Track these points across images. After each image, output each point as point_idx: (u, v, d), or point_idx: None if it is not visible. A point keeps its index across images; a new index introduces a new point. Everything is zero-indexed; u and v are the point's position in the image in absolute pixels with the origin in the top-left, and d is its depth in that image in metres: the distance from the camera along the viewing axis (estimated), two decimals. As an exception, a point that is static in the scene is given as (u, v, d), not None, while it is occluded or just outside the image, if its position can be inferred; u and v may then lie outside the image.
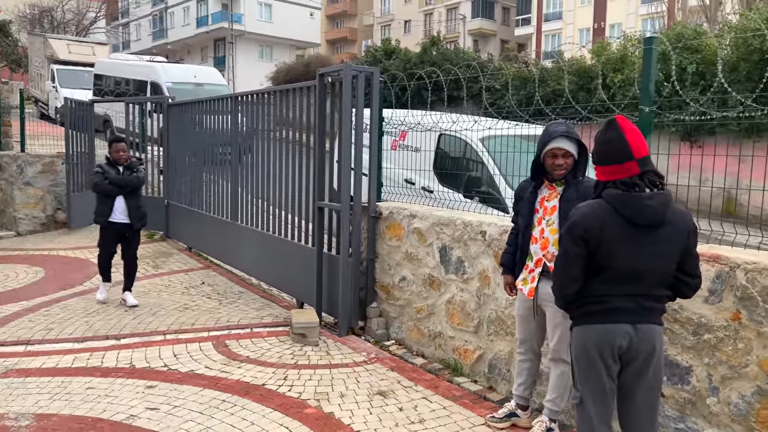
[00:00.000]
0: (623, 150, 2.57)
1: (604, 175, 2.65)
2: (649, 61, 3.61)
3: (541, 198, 3.60)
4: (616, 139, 2.60)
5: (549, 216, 3.53)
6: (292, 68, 30.09)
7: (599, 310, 2.63)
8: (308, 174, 6.15)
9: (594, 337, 2.63)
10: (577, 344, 2.71)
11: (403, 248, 5.31)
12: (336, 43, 56.30)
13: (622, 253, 2.56)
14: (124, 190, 6.33)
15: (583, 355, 2.68)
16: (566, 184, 3.51)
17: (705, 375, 3.20)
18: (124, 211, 6.35)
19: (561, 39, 41.76)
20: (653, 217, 2.53)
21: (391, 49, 25.07)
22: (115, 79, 19.57)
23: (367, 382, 4.53)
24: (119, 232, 6.41)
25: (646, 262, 2.57)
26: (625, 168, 2.57)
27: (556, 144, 3.45)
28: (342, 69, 5.46)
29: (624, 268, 2.57)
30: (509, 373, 4.33)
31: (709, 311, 3.17)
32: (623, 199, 2.56)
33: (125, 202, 6.34)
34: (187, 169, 9.15)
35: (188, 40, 46.12)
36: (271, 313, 6.27)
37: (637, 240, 2.56)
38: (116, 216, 6.33)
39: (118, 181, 6.31)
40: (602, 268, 2.61)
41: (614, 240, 2.56)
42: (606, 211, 2.58)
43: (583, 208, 2.66)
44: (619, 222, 2.56)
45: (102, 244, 6.55)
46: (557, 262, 2.74)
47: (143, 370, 4.72)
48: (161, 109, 10.08)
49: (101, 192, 6.31)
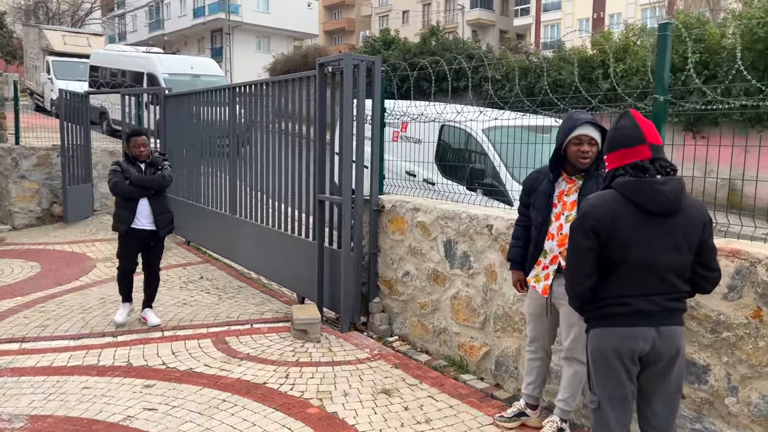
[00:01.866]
0: (635, 133, 2.46)
1: (614, 161, 2.53)
2: (664, 48, 3.46)
3: (559, 192, 3.45)
4: (629, 125, 2.49)
5: (569, 211, 3.38)
6: (290, 59, 29.85)
7: (619, 313, 2.50)
8: (308, 166, 6.01)
9: (614, 341, 2.50)
10: (595, 348, 2.58)
11: (406, 242, 5.18)
12: (334, 34, 55.95)
13: (636, 244, 2.43)
14: (148, 191, 5.48)
15: (601, 359, 2.55)
16: (586, 176, 3.36)
17: (723, 374, 3.09)
18: (149, 215, 5.48)
19: (560, 29, 41.53)
20: (667, 204, 2.40)
21: (390, 39, 24.84)
22: (111, 70, 19.34)
23: (371, 380, 4.41)
24: (143, 240, 5.53)
25: (661, 254, 2.44)
26: (636, 151, 2.45)
27: (582, 131, 3.28)
28: (342, 58, 5.31)
29: (639, 261, 2.44)
30: (517, 371, 4.22)
31: (728, 308, 3.05)
32: (634, 185, 2.42)
33: (149, 205, 5.47)
34: (185, 162, 9.01)
35: (185, 31, 45.71)
36: (271, 308, 6.15)
37: (651, 230, 2.43)
38: (139, 222, 5.46)
39: (141, 181, 5.44)
40: (616, 263, 2.47)
41: (627, 231, 2.43)
42: (617, 201, 2.45)
43: (593, 198, 2.53)
44: (632, 211, 2.43)
45: (122, 255, 5.58)
46: (568, 258, 2.61)
47: (141, 369, 4.60)
48: (158, 100, 9.93)
49: (121, 194, 5.42)
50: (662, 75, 3.47)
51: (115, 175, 5.42)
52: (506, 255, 4.16)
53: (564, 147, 3.35)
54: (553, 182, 3.47)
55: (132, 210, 5.43)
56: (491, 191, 6.20)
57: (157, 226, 5.51)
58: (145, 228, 5.49)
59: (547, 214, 3.46)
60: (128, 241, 5.53)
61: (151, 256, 5.66)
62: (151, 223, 5.49)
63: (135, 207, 5.43)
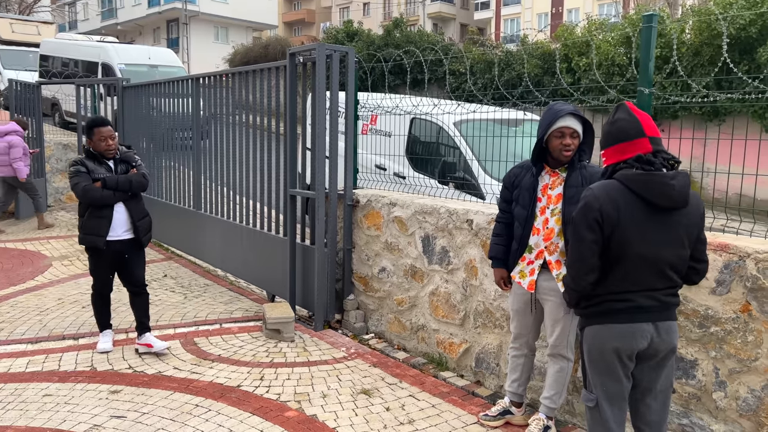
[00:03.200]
0: (634, 126, 2.40)
1: (613, 156, 2.46)
2: (649, 40, 3.42)
3: (543, 185, 3.38)
4: (626, 118, 2.43)
5: (554, 205, 3.31)
6: (251, 50, 29.22)
7: (619, 309, 2.44)
8: (278, 160, 5.83)
9: (613, 338, 2.44)
10: (593, 346, 2.51)
11: (382, 238, 5.06)
12: (294, 25, 55.23)
13: (639, 239, 2.37)
14: (126, 194, 4.62)
15: (600, 358, 2.48)
16: (570, 168, 3.30)
17: (711, 369, 3.07)
18: (126, 222, 4.59)
19: (520, 24, 41.94)
20: (678, 199, 2.34)
21: (353, 30, 24.58)
22: (62, 60, 18.55)
23: (350, 380, 4.29)
24: (119, 252, 4.63)
25: (663, 249, 2.39)
26: (637, 144, 2.39)
27: (564, 123, 3.20)
28: (315, 48, 5.14)
29: (641, 255, 2.38)
30: (498, 368, 4.16)
31: (717, 303, 3.03)
32: (643, 179, 2.35)
33: (127, 210, 4.60)
34: (145, 156, 8.66)
35: (139, 20, 44.38)
36: (241, 306, 5.96)
37: (655, 224, 2.37)
38: (116, 232, 4.56)
39: (120, 184, 4.52)
40: (618, 258, 2.41)
41: (630, 224, 2.36)
42: (620, 193, 2.38)
43: (596, 189, 2.44)
44: (637, 205, 2.37)
45: (96, 274, 4.70)
46: (571, 252, 2.52)
47: (106, 374, 4.37)
48: (115, 91, 9.54)
49: (95, 201, 4.47)
50: (647, 67, 3.44)
51: (80, 177, 4.45)
52: (487, 250, 4.09)
53: (545, 139, 3.28)
54: (536, 176, 3.40)
55: (108, 218, 4.51)
56: (463, 185, 6.14)
57: (136, 234, 4.65)
58: (121, 238, 4.59)
59: (532, 209, 3.38)
60: (103, 257, 4.59)
61: (133, 271, 4.76)
62: (128, 232, 4.62)
63: (111, 214, 4.52)
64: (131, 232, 4.64)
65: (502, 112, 5.85)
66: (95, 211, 4.51)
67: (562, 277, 3.28)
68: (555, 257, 3.32)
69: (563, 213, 3.24)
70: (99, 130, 4.51)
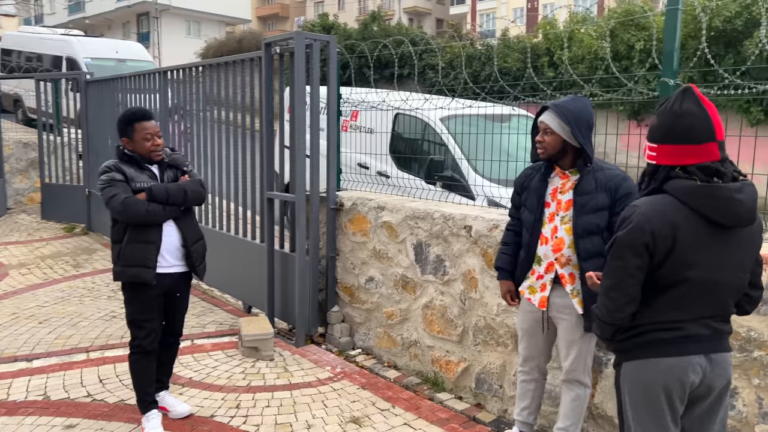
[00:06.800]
0: (706, 126, 1.95)
1: (672, 157, 2.00)
2: (674, 26, 3.04)
3: (553, 189, 2.99)
4: (696, 112, 1.96)
5: (564, 212, 2.93)
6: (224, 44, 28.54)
7: (667, 339, 2.03)
8: (254, 160, 5.36)
9: (661, 374, 2.03)
10: (636, 385, 2.10)
11: (369, 245, 4.63)
12: (267, 20, 54.35)
13: (699, 263, 1.97)
14: (177, 209, 3.44)
15: (645, 400, 2.07)
16: (580, 171, 2.92)
17: (754, 398, 2.71)
18: (179, 248, 3.44)
19: (495, 18, 41.74)
20: (746, 216, 1.94)
21: (329, 24, 24.06)
22: (25, 54, 17.74)
23: (337, 406, 3.85)
24: (169, 289, 3.46)
25: (725, 273, 2.00)
26: (705, 150, 1.95)
27: (540, 117, 2.94)
28: (293, 37, 4.68)
29: (700, 281, 1.98)
30: (502, 390, 3.76)
31: (761, 324, 2.66)
32: (706, 194, 1.93)
33: (179, 230, 3.44)
34: (110, 154, 8.11)
35: (108, 14, 43.15)
36: (215, 319, 5.48)
37: (717, 245, 1.97)
38: (167, 261, 3.39)
39: (167, 194, 3.36)
40: (668, 285, 2.01)
41: (690, 248, 1.96)
42: (676, 211, 1.97)
43: (644, 207, 2.01)
44: (697, 223, 1.96)
45: (140, 322, 3.39)
46: (609, 280, 2.09)
47: (61, 403, 3.86)
48: (78, 86, 8.97)
49: (136, 219, 3.28)
50: (672, 55, 3.06)
51: (117, 187, 3.28)
52: (488, 260, 3.69)
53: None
54: (546, 177, 3.02)
55: (155, 243, 3.33)
56: (452, 185, 5.74)
57: (191, 264, 3.49)
58: (172, 270, 3.43)
59: (539, 214, 3.00)
60: (150, 297, 3.36)
61: (177, 315, 3.62)
62: (180, 261, 3.46)
63: (159, 237, 3.35)
64: (184, 261, 3.47)
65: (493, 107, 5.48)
66: (137, 234, 3.30)
67: (577, 292, 2.91)
68: (568, 270, 2.93)
69: (575, 224, 2.86)
70: (142, 126, 3.36)
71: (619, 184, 2.86)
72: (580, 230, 2.85)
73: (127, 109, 3.48)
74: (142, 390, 3.47)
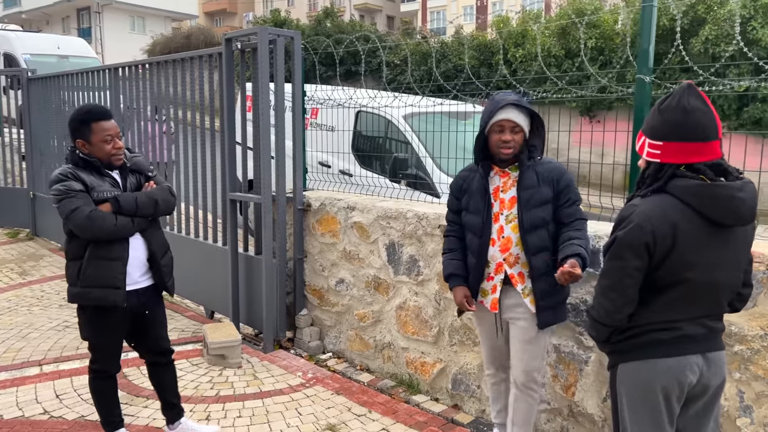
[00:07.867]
0: (712, 124, 1.92)
1: (676, 155, 1.95)
2: (649, 21, 3.05)
3: (494, 188, 2.90)
4: (703, 109, 1.92)
5: (508, 210, 2.85)
6: (171, 40, 27.78)
7: (665, 340, 2.01)
8: (214, 161, 5.16)
9: (660, 375, 2.01)
10: (634, 386, 2.07)
11: (339, 246, 4.52)
12: (215, 16, 53.20)
13: (699, 263, 1.95)
14: (146, 220, 3.09)
15: (643, 401, 2.04)
16: (521, 166, 2.85)
17: (735, 392, 2.73)
18: (145, 262, 3.10)
19: (446, 15, 42.02)
20: (747, 215, 1.93)
21: (281, 20, 23.69)
22: (-41, 50, 16.83)
23: (311, 413, 3.73)
24: (137, 307, 3.11)
25: (723, 272, 1.98)
26: (711, 148, 1.93)
27: (504, 115, 2.76)
28: (256, 32, 4.52)
29: (699, 281, 1.97)
30: (479, 390, 3.71)
31: (741, 318, 2.68)
32: (708, 193, 1.91)
33: (145, 243, 3.09)
34: (56, 155, 7.73)
35: (46, 8, 41.38)
36: (176, 326, 5.26)
37: (716, 244, 1.96)
38: (132, 277, 3.03)
39: (136, 204, 3.00)
40: (667, 285, 1.98)
41: (690, 248, 1.94)
42: (677, 210, 1.94)
43: (645, 206, 1.98)
44: (697, 224, 1.94)
45: (100, 346, 3.11)
46: (607, 280, 2.05)
47: (15, 422, 3.61)
48: (19, 84, 8.51)
49: (101, 235, 2.89)
50: (647, 51, 3.06)
51: (77, 199, 2.86)
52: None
53: (487, 134, 2.84)
54: (485, 177, 2.93)
55: (122, 258, 2.97)
56: (416, 183, 5.69)
57: (160, 278, 3.15)
58: (138, 286, 3.08)
59: (487, 216, 2.89)
60: (115, 319, 3.03)
61: (155, 331, 3.26)
62: (146, 275, 3.12)
63: (125, 253, 2.99)
64: (150, 275, 3.14)
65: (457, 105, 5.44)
66: (101, 250, 2.92)
67: (528, 291, 2.84)
68: (517, 269, 2.86)
69: (520, 220, 2.80)
70: (101, 126, 2.92)
71: (561, 176, 2.83)
72: (527, 225, 2.79)
73: (81, 107, 3.08)
74: (109, 412, 3.22)
